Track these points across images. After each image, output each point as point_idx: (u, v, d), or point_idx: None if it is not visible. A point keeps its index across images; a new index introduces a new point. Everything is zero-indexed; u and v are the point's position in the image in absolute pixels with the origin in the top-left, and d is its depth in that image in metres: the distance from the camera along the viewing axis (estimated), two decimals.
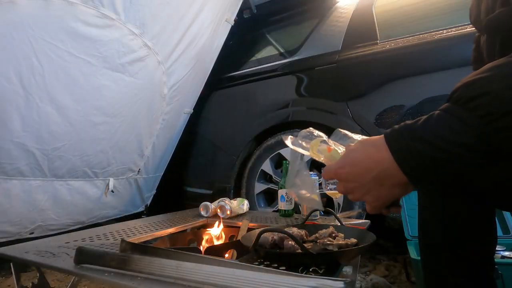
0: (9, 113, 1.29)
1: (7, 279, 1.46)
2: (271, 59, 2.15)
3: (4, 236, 1.44)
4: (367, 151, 0.47)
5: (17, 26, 1.20)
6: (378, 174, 0.45)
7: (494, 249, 0.67)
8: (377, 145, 0.46)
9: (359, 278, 1.33)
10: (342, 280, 0.51)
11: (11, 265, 0.80)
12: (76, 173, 1.65)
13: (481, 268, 0.64)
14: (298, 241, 0.67)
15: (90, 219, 1.83)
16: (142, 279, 0.60)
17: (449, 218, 0.65)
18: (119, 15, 1.47)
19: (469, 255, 0.63)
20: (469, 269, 0.63)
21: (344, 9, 1.96)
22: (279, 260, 0.71)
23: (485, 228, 0.65)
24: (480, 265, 0.64)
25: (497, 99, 0.38)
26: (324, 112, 1.76)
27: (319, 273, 0.64)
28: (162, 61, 1.78)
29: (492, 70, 0.40)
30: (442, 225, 0.65)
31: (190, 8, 1.79)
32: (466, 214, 0.63)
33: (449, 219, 0.64)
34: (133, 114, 1.77)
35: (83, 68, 1.45)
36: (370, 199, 0.48)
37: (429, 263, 0.69)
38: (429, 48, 1.52)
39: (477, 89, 0.40)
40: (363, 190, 0.47)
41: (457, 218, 0.64)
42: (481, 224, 0.64)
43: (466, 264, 0.63)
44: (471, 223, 0.63)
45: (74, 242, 0.94)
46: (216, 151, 2.20)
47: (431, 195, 0.68)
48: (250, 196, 1.93)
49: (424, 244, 0.71)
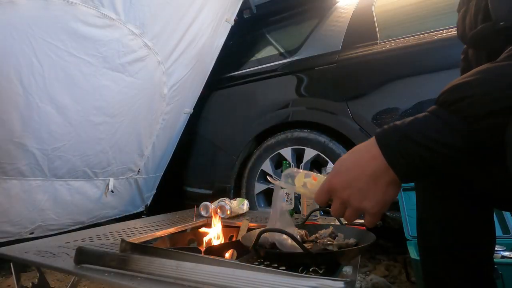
0: (9, 113, 1.29)
1: (7, 279, 1.46)
2: (271, 59, 2.15)
3: (4, 236, 1.44)
4: (358, 154, 0.48)
5: (17, 26, 1.20)
6: (373, 173, 0.45)
7: (493, 250, 0.67)
8: (367, 146, 0.47)
9: (359, 278, 1.33)
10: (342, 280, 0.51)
11: (11, 265, 0.80)
12: (76, 173, 1.65)
13: (480, 269, 0.64)
14: (298, 241, 0.67)
15: (90, 219, 1.83)
16: (142, 279, 0.60)
17: (446, 220, 0.65)
18: (119, 15, 1.47)
19: (467, 257, 0.63)
20: (467, 271, 0.63)
21: (344, 9, 1.96)
22: (279, 260, 0.71)
23: (483, 230, 0.65)
24: (478, 266, 0.64)
25: (478, 102, 0.40)
26: (324, 112, 1.76)
27: (319, 273, 0.64)
28: (162, 61, 1.78)
29: (475, 75, 0.43)
30: (440, 227, 0.66)
31: (190, 8, 1.79)
32: (463, 216, 0.63)
33: (447, 221, 0.65)
34: (133, 114, 1.77)
35: (83, 68, 1.45)
36: (369, 204, 0.47)
37: (427, 265, 0.69)
38: (429, 48, 1.52)
39: (460, 93, 0.42)
40: (360, 195, 0.47)
41: (455, 220, 0.64)
42: (479, 225, 0.64)
43: (464, 265, 0.63)
44: (468, 224, 0.64)
45: (74, 242, 0.94)
46: (216, 151, 2.20)
47: (429, 197, 0.68)
48: (250, 196, 1.93)
49: (422, 245, 0.71)
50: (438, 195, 0.66)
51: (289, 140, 1.83)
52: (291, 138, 1.82)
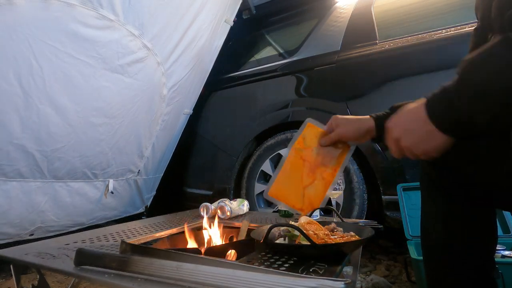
0: (8, 114, 1.29)
1: (7, 281, 1.46)
2: (271, 59, 2.16)
3: (4, 238, 1.44)
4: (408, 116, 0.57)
5: (16, 28, 1.20)
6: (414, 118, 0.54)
7: (494, 249, 0.68)
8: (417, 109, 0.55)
9: (360, 278, 1.33)
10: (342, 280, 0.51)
11: (11, 266, 0.80)
12: (75, 174, 1.64)
13: (481, 269, 0.64)
14: (305, 235, 0.71)
15: (90, 220, 1.83)
16: (142, 280, 0.59)
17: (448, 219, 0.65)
18: (118, 16, 1.47)
19: (468, 256, 0.63)
20: (468, 270, 0.63)
21: (343, 9, 1.96)
22: (287, 252, 0.77)
23: (484, 229, 0.65)
24: (479, 266, 0.64)
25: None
26: (324, 112, 1.76)
27: (319, 273, 0.64)
28: (162, 62, 1.78)
29: None
30: (441, 226, 0.66)
31: (189, 9, 1.80)
32: (465, 215, 0.64)
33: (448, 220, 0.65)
34: (133, 115, 1.77)
35: (82, 69, 1.45)
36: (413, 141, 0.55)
37: (430, 264, 0.69)
38: (428, 48, 1.52)
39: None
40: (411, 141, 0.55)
41: (456, 219, 0.64)
42: (480, 225, 0.64)
43: (465, 265, 0.63)
44: (470, 224, 0.64)
45: (74, 243, 0.94)
46: (216, 152, 2.20)
47: (433, 196, 0.68)
48: (250, 196, 1.93)
49: (425, 245, 0.71)
50: (440, 194, 0.66)
51: (289, 141, 1.83)
52: (291, 138, 1.82)
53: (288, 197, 0.82)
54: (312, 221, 0.85)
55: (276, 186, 0.83)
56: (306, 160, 0.82)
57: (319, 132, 0.83)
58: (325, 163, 0.81)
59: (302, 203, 0.81)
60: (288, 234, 0.81)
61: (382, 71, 1.63)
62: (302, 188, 0.81)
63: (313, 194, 0.81)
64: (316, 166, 0.81)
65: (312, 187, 0.81)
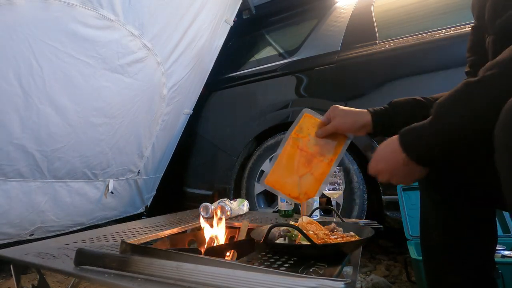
0: (8, 114, 1.29)
1: (7, 281, 1.46)
2: (271, 59, 2.16)
3: (4, 238, 1.44)
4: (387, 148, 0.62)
5: (16, 28, 1.20)
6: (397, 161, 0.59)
7: (494, 250, 0.68)
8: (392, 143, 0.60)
9: (360, 278, 1.33)
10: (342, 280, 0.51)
11: (11, 267, 0.80)
12: (75, 175, 1.64)
13: (482, 269, 0.64)
14: (305, 235, 0.71)
15: (90, 220, 1.83)
16: (142, 280, 0.59)
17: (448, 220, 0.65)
18: (118, 16, 1.47)
19: (468, 256, 0.63)
20: (468, 270, 0.63)
21: (343, 9, 1.96)
22: (287, 252, 0.77)
23: (484, 229, 0.65)
24: (480, 266, 0.64)
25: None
26: (324, 112, 1.76)
27: (319, 273, 0.64)
28: (162, 62, 1.78)
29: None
30: (441, 226, 0.66)
31: (189, 9, 1.80)
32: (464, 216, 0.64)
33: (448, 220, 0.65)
34: (133, 115, 1.77)
35: (82, 69, 1.45)
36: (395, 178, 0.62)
37: (430, 264, 0.69)
38: (428, 48, 1.52)
39: None
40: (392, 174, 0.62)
41: (456, 220, 0.64)
42: (480, 225, 0.64)
43: (465, 265, 0.63)
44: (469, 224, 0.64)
45: (74, 243, 0.94)
46: (216, 152, 2.20)
47: (433, 197, 0.68)
48: (250, 196, 1.93)
49: (425, 245, 0.71)
50: (440, 194, 0.66)
51: None
52: None
53: (284, 186, 0.82)
54: (312, 221, 0.85)
55: (273, 174, 0.83)
56: (303, 149, 0.82)
57: (316, 122, 0.83)
58: (322, 153, 0.81)
59: (298, 192, 0.81)
60: (288, 234, 0.81)
61: (382, 71, 1.63)
62: (298, 177, 0.81)
63: (309, 183, 0.81)
64: (313, 156, 0.81)
65: (308, 176, 0.81)
